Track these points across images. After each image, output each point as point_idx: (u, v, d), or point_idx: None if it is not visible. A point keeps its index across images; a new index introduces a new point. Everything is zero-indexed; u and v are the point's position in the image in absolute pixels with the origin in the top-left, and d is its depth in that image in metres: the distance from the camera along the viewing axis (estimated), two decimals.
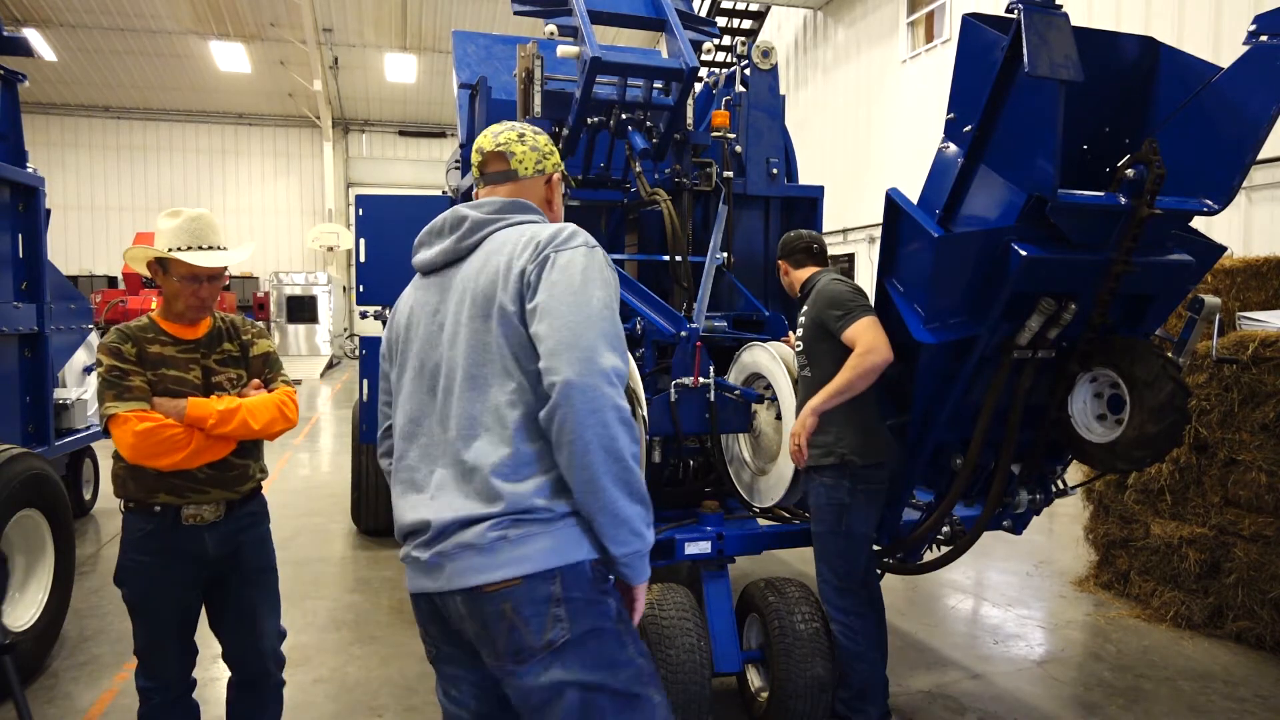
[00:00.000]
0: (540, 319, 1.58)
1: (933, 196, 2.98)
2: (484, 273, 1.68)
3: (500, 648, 1.55)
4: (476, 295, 1.67)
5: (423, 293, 1.81)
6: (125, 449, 2.27)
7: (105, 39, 20.69)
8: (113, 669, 3.81)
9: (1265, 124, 2.48)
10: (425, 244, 1.84)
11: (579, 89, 4.03)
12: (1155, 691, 3.76)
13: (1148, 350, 2.75)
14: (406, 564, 1.69)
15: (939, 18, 13.64)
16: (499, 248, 1.70)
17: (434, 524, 1.60)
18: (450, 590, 1.58)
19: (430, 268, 1.81)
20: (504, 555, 1.54)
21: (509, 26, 17.53)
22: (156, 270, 2.42)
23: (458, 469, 1.62)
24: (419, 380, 1.74)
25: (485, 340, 1.64)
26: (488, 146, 1.87)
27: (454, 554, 1.57)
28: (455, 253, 1.76)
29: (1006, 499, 3.25)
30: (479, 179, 1.89)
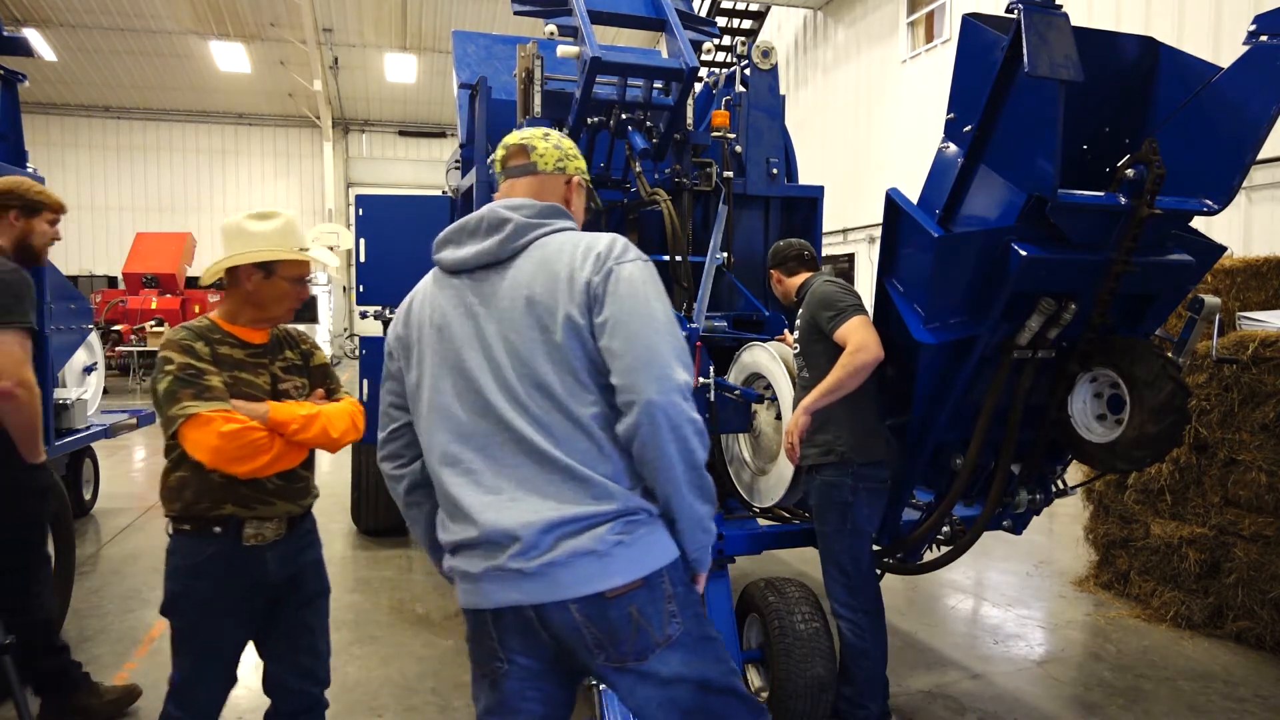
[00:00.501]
0: (612, 334, 1.60)
1: (933, 196, 2.98)
2: (539, 280, 1.65)
3: (626, 649, 1.59)
4: (535, 303, 1.64)
5: (452, 293, 1.74)
6: (206, 451, 2.13)
7: (105, 39, 20.69)
8: (113, 669, 3.81)
9: (1265, 124, 2.48)
10: (454, 242, 1.77)
11: (579, 89, 4.04)
12: (1155, 691, 3.76)
13: (1148, 350, 2.75)
14: (484, 579, 1.61)
15: (939, 18, 13.64)
16: (553, 256, 1.67)
17: (532, 529, 1.56)
18: (564, 599, 1.56)
19: (461, 267, 1.74)
20: (621, 558, 1.57)
21: (509, 26, 17.53)
22: (249, 273, 2.28)
23: (551, 471, 1.60)
24: (463, 384, 1.67)
25: (554, 350, 1.62)
26: (512, 141, 1.87)
27: (569, 563, 1.55)
28: (496, 255, 1.70)
29: (1006, 499, 3.25)
30: (501, 173, 1.87)
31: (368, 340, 5.36)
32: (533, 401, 1.62)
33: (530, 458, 1.61)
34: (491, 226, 1.72)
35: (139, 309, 15.51)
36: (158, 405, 2.20)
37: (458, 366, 1.68)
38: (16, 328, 2.84)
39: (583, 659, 1.62)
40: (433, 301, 1.76)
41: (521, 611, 1.60)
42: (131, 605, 4.64)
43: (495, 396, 1.64)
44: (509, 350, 1.64)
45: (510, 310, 1.66)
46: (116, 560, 5.46)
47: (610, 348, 1.60)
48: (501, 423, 1.63)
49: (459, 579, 1.68)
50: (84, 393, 5.99)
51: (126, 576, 5.13)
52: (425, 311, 1.77)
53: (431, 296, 1.78)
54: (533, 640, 1.63)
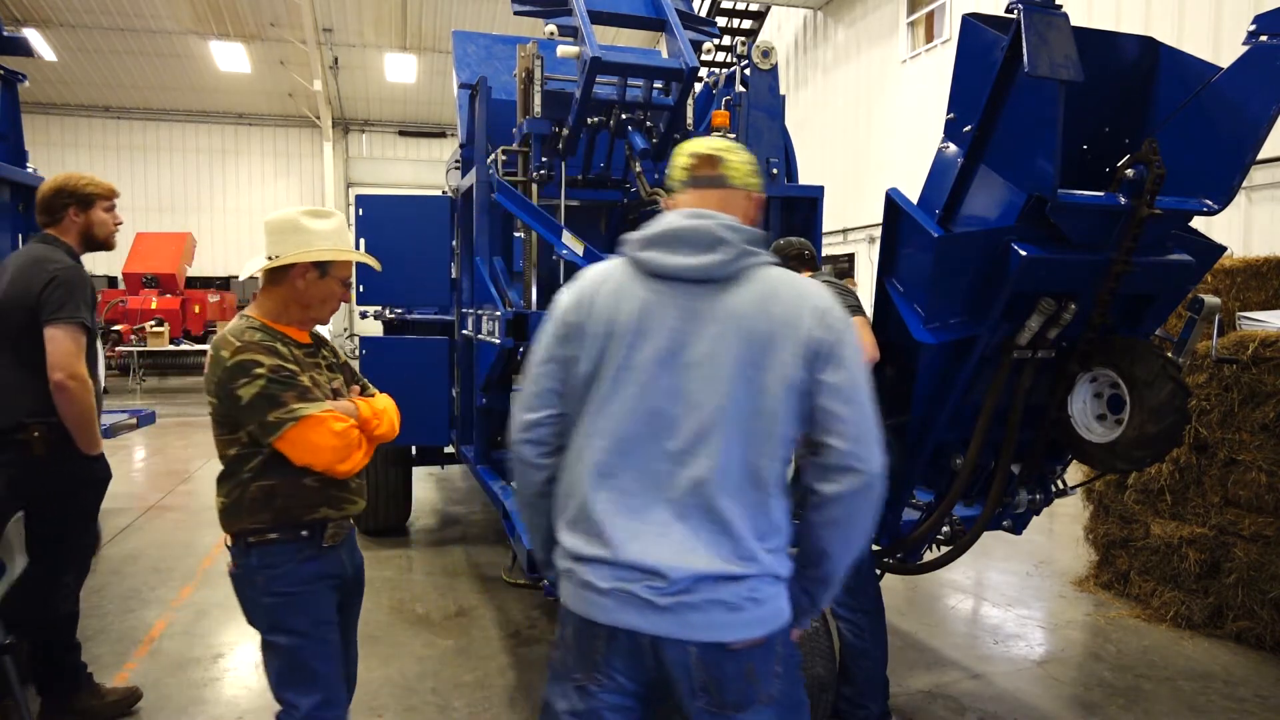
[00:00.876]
0: (843, 400, 1.61)
1: (933, 196, 2.98)
2: (762, 318, 1.61)
3: (728, 698, 1.59)
4: (752, 340, 1.60)
5: (655, 296, 1.65)
6: (324, 453, 2.10)
7: (105, 39, 20.68)
8: (113, 669, 3.81)
9: (1265, 124, 2.48)
10: (664, 246, 1.68)
11: (579, 89, 4.04)
12: (1155, 691, 3.76)
13: (1148, 350, 2.75)
14: (610, 596, 1.59)
15: (939, 18, 13.64)
16: (774, 295, 1.64)
17: (677, 572, 1.55)
18: (686, 640, 1.57)
19: (669, 274, 1.66)
20: (750, 615, 1.58)
21: (509, 26, 17.53)
22: (304, 271, 2.22)
23: (709, 518, 1.58)
24: (644, 398, 1.62)
25: (761, 395, 1.59)
26: (702, 150, 1.80)
27: (702, 606, 1.56)
28: (710, 274, 1.64)
29: (1006, 499, 3.25)
30: (684, 183, 1.81)
31: (368, 340, 5.35)
32: (727, 447, 1.59)
33: (693, 496, 1.58)
34: (710, 242, 1.65)
35: (139, 309, 15.52)
36: (241, 411, 2.10)
37: (645, 379, 1.62)
38: (69, 323, 2.93)
39: (679, 696, 1.62)
40: (628, 298, 1.67)
41: (638, 637, 1.59)
42: (131, 605, 4.64)
43: (677, 423, 1.60)
44: (707, 379, 1.60)
45: (722, 340, 1.61)
46: (116, 560, 5.46)
47: (835, 411, 1.60)
48: (674, 453, 1.60)
49: (575, 584, 1.65)
50: None
51: (126, 576, 5.13)
52: (617, 306, 1.67)
53: (626, 292, 1.68)
54: (638, 666, 1.62)
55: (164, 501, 7.13)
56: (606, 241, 5.29)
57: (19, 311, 2.94)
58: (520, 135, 4.46)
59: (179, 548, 5.74)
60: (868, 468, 1.60)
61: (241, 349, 2.12)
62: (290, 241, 2.21)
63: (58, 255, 3.07)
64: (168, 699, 3.56)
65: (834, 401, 1.60)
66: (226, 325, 2.23)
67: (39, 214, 3.20)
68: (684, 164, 1.81)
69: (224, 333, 2.19)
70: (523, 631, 4.31)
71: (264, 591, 2.20)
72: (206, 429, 2.26)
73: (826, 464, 1.62)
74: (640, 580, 1.57)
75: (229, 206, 25.10)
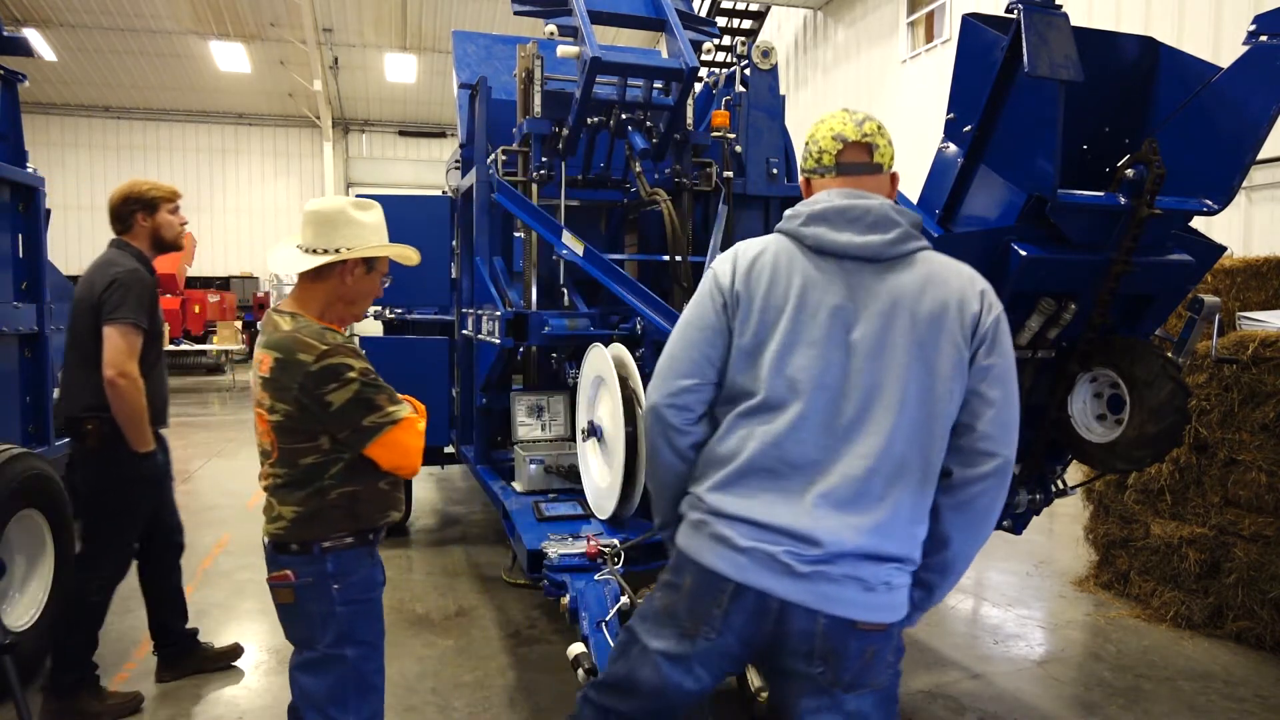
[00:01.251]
0: (993, 383, 1.62)
1: (933, 196, 2.98)
2: (928, 299, 1.62)
3: (843, 676, 1.59)
4: (920, 320, 1.61)
5: (819, 273, 1.66)
6: (412, 454, 2.06)
7: (105, 39, 20.68)
8: (113, 669, 3.81)
9: (1265, 124, 2.48)
10: (830, 223, 1.67)
11: (579, 89, 4.04)
12: (1155, 691, 3.76)
13: (1148, 350, 2.75)
14: (748, 554, 1.59)
15: (939, 18, 13.64)
16: (939, 276, 1.65)
17: (827, 544, 1.56)
18: (817, 610, 1.58)
19: (837, 251, 1.66)
20: (882, 599, 1.59)
21: (509, 26, 17.52)
22: (354, 267, 2.14)
23: (867, 496, 1.59)
24: (815, 371, 1.62)
25: (932, 376, 1.60)
26: (851, 135, 1.76)
27: (840, 580, 1.57)
28: (878, 253, 1.64)
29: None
30: (830, 168, 1.77)
31: (368, 340, 5.36)
32: (884, 419, 1.59)
33: (855, 472, 1.59)
34: (879, 223, 1.65)
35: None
36: (330, 417, 2.02)
37: (813, 355, 1.62)
38: (122, 322, 3.09)
39: (789, 661, 1.62)
40: (795, 272, 1.67)
41: (767, 599, 1.59)
42: (131, 605, 4.63)
43: (845, 399, 1.61)
44: (876, 358, 1.61)
45: (888, 318, 1.62)
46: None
47: (988, 395, 1.61)
48: (841, 429, 1.61)
49: (709, 536, 1.64)
50: None
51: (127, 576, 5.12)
52: (785, 279, 1.67)
53: (789, 267, 1.68)
54: (757, 626, 1.62)
55: None
56: (606, 241, 5.29)
57: (86, 313, 3.17)
58: (520, 135, 4.46)
59: None
60: (1008, 454, 1.62)
61: (329, 352, 2.01)
62: (342, 234, 2.10)
63: (123, 259, 3.25)
64: (168, 699, 3.56)
65: (988, 385, 1.62)
66: (278, 327, 2.09)
67: (112, 223, 3.38)
68: (830, 148, 1.77)
69: (291, 334, 2.04)
70: (523, 631, 4.31)
71: (339, 601, 2.09)
72: (206, 429, 2.26)
73: (970, 448, 1.62)
74: (783, 544, 1.57)
75: (229, 206, 25.10)
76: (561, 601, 2.98)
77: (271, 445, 2.10)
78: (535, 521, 3.67)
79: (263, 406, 2.09)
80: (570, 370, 4.61)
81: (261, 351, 2.09)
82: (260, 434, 2.14)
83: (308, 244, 2.12)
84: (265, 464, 2.14)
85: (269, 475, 2.13)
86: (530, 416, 4.53)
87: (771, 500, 1.61)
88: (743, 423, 1.67)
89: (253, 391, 2.16)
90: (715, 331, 1.71)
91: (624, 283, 3.63)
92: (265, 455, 2.14)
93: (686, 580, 1.67)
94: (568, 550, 3.15)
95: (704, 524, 1.66)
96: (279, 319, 2.12)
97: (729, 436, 1.68)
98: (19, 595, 3.69)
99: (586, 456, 3.85)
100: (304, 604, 2.10)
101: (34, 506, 3.68)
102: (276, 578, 2.11)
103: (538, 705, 3.54)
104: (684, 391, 1.72)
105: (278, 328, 2.10)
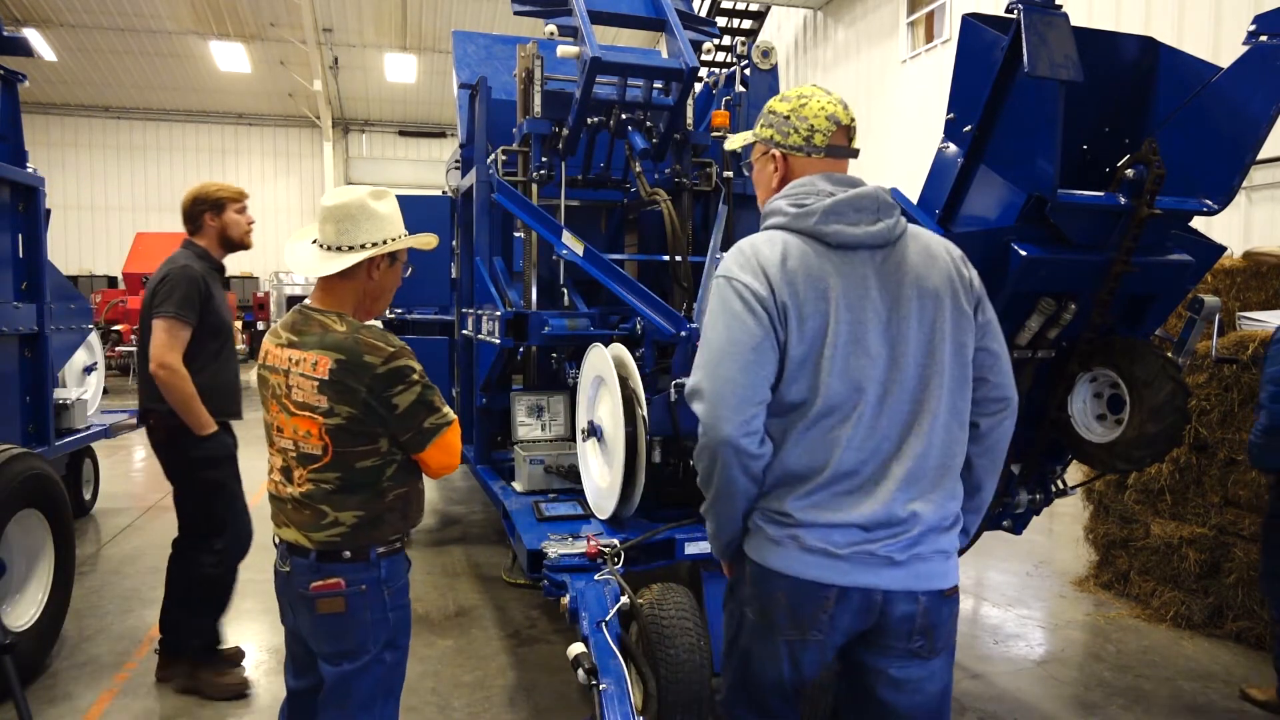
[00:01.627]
0: (993, 337, 1.76)
1: (932, 196, 2.97)
2: (934, 271, 1.71)
3: (935, 645, 1.70)
4: (935, 295, 1.70)
5: (848, 266, 1.68)
6: (458, 456, 2.08)
7: (105, 39, 20.68)
8: (113, 669, 3.81)
9: (1265, 124, 2.48)
10: (844, 217, 1.70)
11: (579, 89, 4.04)
12: (1155, 691, 3.76)
13: (1148, 350, 2.75)
14: (848, 560, 1.64)
15: (939, 18, 13.63)
16: (932, 249, 1.75)
17: (915, 526, 1.65)
18: (918, 590, 1.66)
19: (853, 243, 1.70)
20: (954, 562, 1.73)
21: (509, 26, 17.52)
22: (380, 261, 2.09)
23: (935, 471, 1.68)
24: (868, 366, 1.65)
25: (961, 346, 1.71)
26: (843, 118, 1.82)
27: (930, 557, 1.67)
28: (887, 238, 1.72)
29: (1006, 499, 3.25)
30: (818, 147, 1.81)
31: None
32: (937, 394, 1.69)
33: (924, 451, 1.67)
34: (882, 209, 1.73)
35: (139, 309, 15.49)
36: (396, 419, 1.99)
37: (870, 350, 1.66)
38: (164, 316, 3.24)
39: (888, 641, 1.69)
40: (827, 273, 1.68)
41: (872, 594, 1.65)
42: (131, 605, 4.64)
43: (904, 386, 1.68)
44: (920, 339, 1.68)
45: (917, 300, 1.69)
46: (116, 560, 5.45)
47: (991, 348, 1.75)
48: (906, 414, 1.68)
49: (800, 548, 1.66)
50: (84, 393, 6.00)
51: (126, 576, 5.13)
52: (819, 280, 1.67)
53: (822, 266, 1.68)
54: (863, 618, 1.68)
55: (164, 501, 7.12)
56: (606, 241, 5.29)
57: (145, 311, 3.37)
58: (520, 135, 4.46)
59: None
60: (1012, 395, 1.78)
61: (396, 354, 1.98)
62: (365, 230, 2.03)
63: (181, 258, 3.40)
64: (168, 699, 3.56)
65: (990, 339, 1.76)
66: (330, 328, 2.01)
67: (184, 224, 3.54)
68: (824, 128, 1.80)
69: (353, 336, 1.98)
70: (522, 631, 4.31)
71: (390, 606, 2.06)
72: None
73: (987, 397, 1.75)
74: (880, 539, 1.64)
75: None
76: (561, 601, 2.98)
77: (324, 449, 2.00)
78: (535, 521, 3.67)
79: (317, 410, 1.98)
80: (570, 370, 4.61)
81: (314, 353, 1.98)
82: (303, 438, 2.01)
83: (330, 241, 2.03)
84: (306, 468, 2.02)
85: (314, 480, 2.02)
86: (530, 416, 4.53)
87: (858, 500, 1.66)
88: (813, 432, 1.67)
89: (287, 394, 2.03)
90: (769, 348, 1.66)
91: (624, 283, 3.64)
92: (308, 459, 2.02)
93: (781, 596, 1.70)
94: (568, 550, 3.15)
95: (793, 539, 1.67)
96: (327, 320, 2.03)
97: (799, 448, 1.68)
98: (19, 595, 3.69)
99: (586, 456, 3.85)
100: (357, 612, 2.02)
101: (34, 506, 3.68)
102: (325, 586, 2.00)
103: (538, 705, 3.54)
104: (753, 419, 1.67)
105: (329, 329, 2.01)
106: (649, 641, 2.82)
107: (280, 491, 2.10)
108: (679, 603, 3.06)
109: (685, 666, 2.88)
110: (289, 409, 2.03)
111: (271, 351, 2.09)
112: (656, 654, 2.80)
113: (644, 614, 2.83)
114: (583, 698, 3.53)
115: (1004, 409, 1.77)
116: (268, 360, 2.11)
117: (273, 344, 2.10)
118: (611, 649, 2.60)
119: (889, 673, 1.71)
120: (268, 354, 2.11)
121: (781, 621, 1.70)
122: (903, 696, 1.70)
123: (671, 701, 2.73)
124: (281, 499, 2.09)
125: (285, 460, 2.07)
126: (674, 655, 2.86)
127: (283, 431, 2.07)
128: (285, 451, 2.07)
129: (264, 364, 2.12)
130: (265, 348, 2.12)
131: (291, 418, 2.03)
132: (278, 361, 2.07)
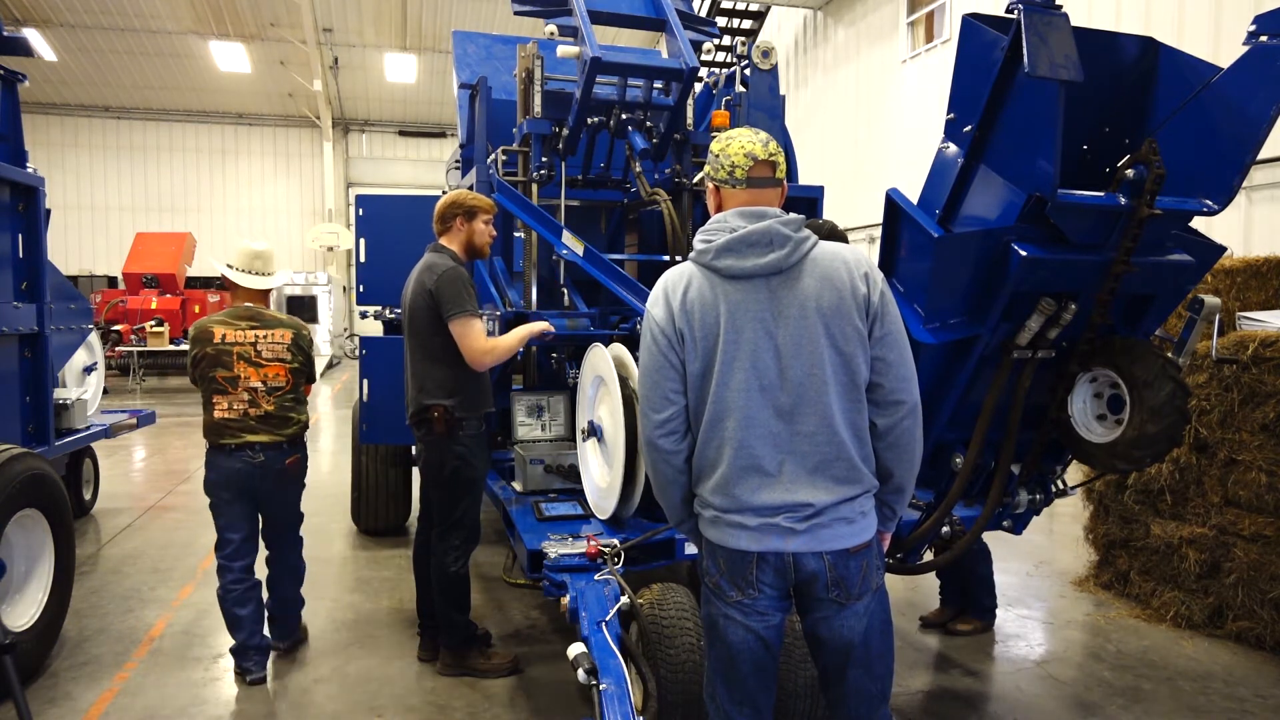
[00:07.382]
0: (889, 346, 1.99)
1: (933, 196, 2.98)
2: (826, 295, 1.96)
3: (850, 591, 2.02)
4: (826, 314, 1.95)
5: (739, 293, 1.98)
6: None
7: (105, 39, 20.68)
8: (113, 669, 3.81)
9: (1265, 124, 2.48)
10: (735, 252, 1.98)
11: (579, 89, 4.04)
12: (1155, 691, 3.76)
13: (1148, 350, 2.76)
14: (759, 530, 1.98)
15: (939, 18, 13.63)
16: (829, 270, 1.98)
17: (810, 506, 1.96)
18: (820, 550, 1.98)
19: (743, 274, 1.98)
20: (861, 525, 2.02)
21: (509, 26, 17.53)
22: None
23: (826, 458, 1.97)
24: (753, 377, 1.96)
25: (845, 357, 1.96)
26: (760, 154, 2.05)
27: (830, 524, 1.98)
28: (779, 267, 1.97)
29: (1006, 499, 3.25)
30: (739, 180, 2.05)
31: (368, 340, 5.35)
32: (834, 405, 1.96)
33: (810, 444, 1.96)
34: (775, 241, 1.97)
35: (139, 309, 15.48)
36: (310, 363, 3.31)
37: (752, 363, 1.97)
38: (466, 315, 3.43)
39: (814, 592, 2.02)
40: (719, 299, 2.00)
41: (783, 556, 1.99)
42: (131, 605, 4.64)
43: (784, 391, 1.96)
44: (801, 352, 1.95)
45: (803, 320, 1.96)
46: (116, 560, 5.46)
47: (886, 358, 1.99)
48: (788, 414, 1.96)
49: (726, 525, 2.01)
50: (84, 393, 6.00)
51: (126, 576, 5.13)
52: (713, 307, 2.00)
53: (713, 296, 2.00)
54: (783, 577, 2.02)
55: (164, 501, 7.13)
56: (606, 241, 5.29)
57: (422, 311, 3.49)
58: (520, 135, 4.46)
59: (179, 548, 5.73)
60: (911, 399, 2.01)
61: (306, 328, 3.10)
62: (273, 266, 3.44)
63: (440, 260, 3.56)
64: (168, 699, 3.56)
65: (885, 349, 1.99)
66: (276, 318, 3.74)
67: (435, 224, 3.72)
68: (742, 164, 2.05)
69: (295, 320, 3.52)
70: (522, 631, 4.31)
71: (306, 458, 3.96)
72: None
73: (883, 400, 2.01)
74: (781, 515, 1.97)
75: (229, 206, 25.10)
76: (561, 601, 2.98)
77: (287, 382, 3.74)
78: (535, 521, 3.67)
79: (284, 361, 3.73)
80: (570, 370, 4.61)
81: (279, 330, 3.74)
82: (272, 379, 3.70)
83: (263, 270, 3.75)
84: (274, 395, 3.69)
85: (278, 402, 3.72)
86: (530, 416, 4.53)
87: (756, 487, 1.99)
88: (712, 434, 2.03)
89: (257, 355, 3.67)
90: (670, 367, 2.05)
91: (624, 283, 3.63)
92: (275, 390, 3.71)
93: (720, 563, 2.06)
94: (568, 550, 3.15)
95: (719, 519, 2.04)
96: (270, 314, 3.79)
97: (706, 448, 2.05)
98: (19, 595, 3.70)
99: (586, 456, 3.85)
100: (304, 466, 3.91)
101: (34, 506, 3.68)
102: (295, 459, 3.80)
103: (538, 705, 3.54)
104: (664, 422, 2.06)
105: (278, 318, 3.82)
106: (649, 641, 2.82)
107: (250, 413, 3.63)
108: (679, 603, 3.06)
109: (685, 666, 2.88)
110: (259, 363, 3.67)
111: (230, 334, 3.65)
112: (656, 654, 2.80)
113: (644, 614, 2.83)
114: (583, 698, 3.53)
115: (899, 409, 2.00)
116: (228, 338, 3.64)
117: (230, 329, 3.66)
118: (611, 649, 2.60)
119: (818, 616, 2.06)
120: (225, 335, 3.64)
121: (725, 585, 2.05)
122: (832, 635, 2.05)
123: (671, 701, 2.73)
124: (250, 418, 3.63)
125: (253, 396, 3.64)
126: (674, 655, 2.86)
127: (249, 379, 3.64)
128: (254, 390, 3.64)
129: (223, 341, 3.63)
130: (220, 332, 3.63)
131: (261, 368, 3.66)
132: (243, 337, 3.66)
